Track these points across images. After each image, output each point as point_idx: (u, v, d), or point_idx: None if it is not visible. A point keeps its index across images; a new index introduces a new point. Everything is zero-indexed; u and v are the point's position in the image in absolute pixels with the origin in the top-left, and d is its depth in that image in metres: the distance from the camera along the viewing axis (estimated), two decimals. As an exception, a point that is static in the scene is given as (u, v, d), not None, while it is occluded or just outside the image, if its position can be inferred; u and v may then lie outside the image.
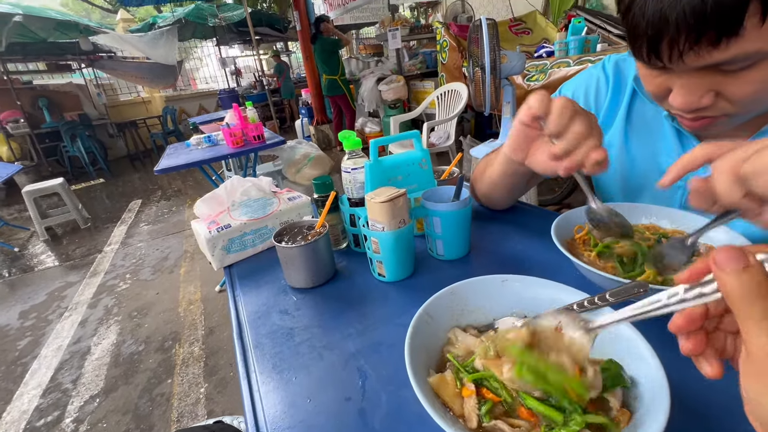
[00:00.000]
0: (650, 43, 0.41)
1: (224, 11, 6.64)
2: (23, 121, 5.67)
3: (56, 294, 2.47)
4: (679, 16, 0.36)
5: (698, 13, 0.35)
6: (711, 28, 0.36)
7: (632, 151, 0.66)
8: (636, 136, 0.65)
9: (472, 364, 0.34)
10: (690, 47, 0.38)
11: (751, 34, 0.35)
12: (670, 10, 0.37)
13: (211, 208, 0.77)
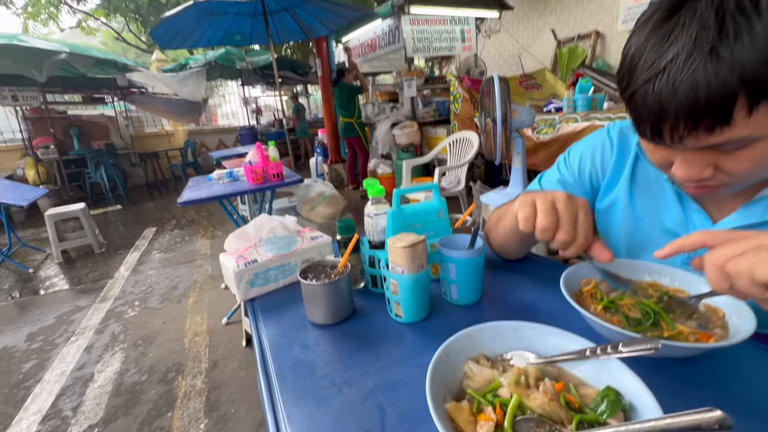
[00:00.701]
0: (652, 127, 0.45)
1: (251, 56, 7.13)
2: (53, 148, 5.98)
3: (65, 317, 2.49)
4: (677, 108, 0.41)
5: (693, 107, 0.40)
6: (705, 118, 0.40)
7: (637, 209, 0.70)
8: (640, 196, 0.70)
9: (491, 393, 0.38)
10: (689, 133, 0.42)
11: (741, 123, 0.40)
12: (669, 102, 0.41)
13: (240, 243, 0.82)
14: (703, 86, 0.39)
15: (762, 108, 0.39)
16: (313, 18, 4.38)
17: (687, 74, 0.39)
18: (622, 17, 3.91)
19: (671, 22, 0.41)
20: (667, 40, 0.41)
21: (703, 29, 0.38)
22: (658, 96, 0.42)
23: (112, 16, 11.01)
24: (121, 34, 12.61)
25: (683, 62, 0.39)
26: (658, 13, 0.43)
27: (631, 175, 0.70)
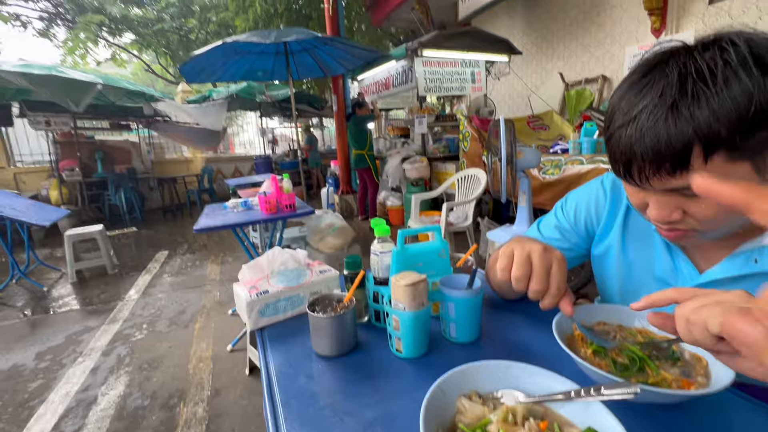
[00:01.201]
0: (624, 166, 0.51)
1: (271, 90, 7.51)
2: (78, 170, 6.25)
3: (74, 338, 2.53)
4: (643, 151, 0.47)
5: (656, 151, 0.46)
6: (666, 162, 0.46)
7: (629, 256, 0.74)
8: (632, 244, 0.74)
9: (481, 429, 0.41)
10: (653, 174, 0.48)
11: (699, 169, 0.45)
12: (637, 145, 0.47)
13: (253, 273, 0.87)
14: (664, 135, 0.45)
15: (717, 158, 0.44)
16: (331, 58, 4.65)
17: (652, 123, 0.46)
18: (627, 63, 4.06)
19: (645, 79, 0.48)
20: (639, 93, 0.48)
21: (667, 87, 0.45)
22: (629, 140, 0.48)
23: (144, 50, 11.78)
24: (150, 66, 13.41)
25: (649, 113, 0.46)
26: (636, 72, 0.50)
27: (623, 223, 0.75)
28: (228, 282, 3.38)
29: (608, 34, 4.36)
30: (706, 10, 3.41)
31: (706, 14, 3.42)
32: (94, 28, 9.43)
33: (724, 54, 0.43)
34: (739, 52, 0.42)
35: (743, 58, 0.42)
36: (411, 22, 7.12)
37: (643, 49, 3.87)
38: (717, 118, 0.42)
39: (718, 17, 3.34)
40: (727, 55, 0.43)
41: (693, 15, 3.52)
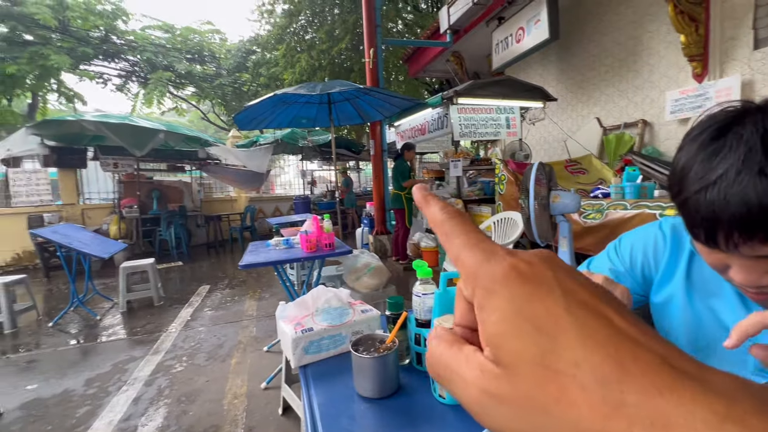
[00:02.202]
0: (707, 232, 0.46)
1: (313, 135, 8.00)
2: (136, 207, 6.82)
3: (120, 366, 2.65)
4: (730, 218, 0.43)
5: (747, 219, 0.42)
6: (759, 231, 0.43)
7: (696, 307, 0.68)
8: (698, 294, 0.68)
9: None
10: (744, 242, 0.44)
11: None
12: (722, 212, 0.44)
13: (299, 310, 0.91)
14: (755, 202, 0.42)
15: None
16: (370, 106, 4.94)
17: (738, 189, 0.43)
18: (669, 108, 3.99)
19: (719, 142, 0.45)
20: (715, 157, 0.45)
21: (751, 152, 0.43)
22: (711, 205, 0.45)
23: (202, 101, 13.08)
24: (206, 114, 14.78)
25: (733, 178, 0.43)
26: (706, 132, 0.48)
27: (686, 273, 0.70)
28: (264, 318, 3.45)
29: (646, 80, 4.34)
30: (751, 55, 3.35)
31: (751, 59, 3.35)
32: (164, 83, 10.68)
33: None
34: None
35: None
36: (446, 73, 7.48)
37: (684, 93, 3.81)
38: None
39: (764, 62, 3.26)
40: None
41: (737, 60, 3.46)
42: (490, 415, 0.15)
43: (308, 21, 9.78)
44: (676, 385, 0.13)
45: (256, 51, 12.03)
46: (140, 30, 11.17)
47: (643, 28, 4.29)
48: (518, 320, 0.15)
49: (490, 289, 0.16)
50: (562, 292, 0.15)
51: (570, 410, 0.13)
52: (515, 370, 0.15)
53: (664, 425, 0.12)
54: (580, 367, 0.14)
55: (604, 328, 0.14)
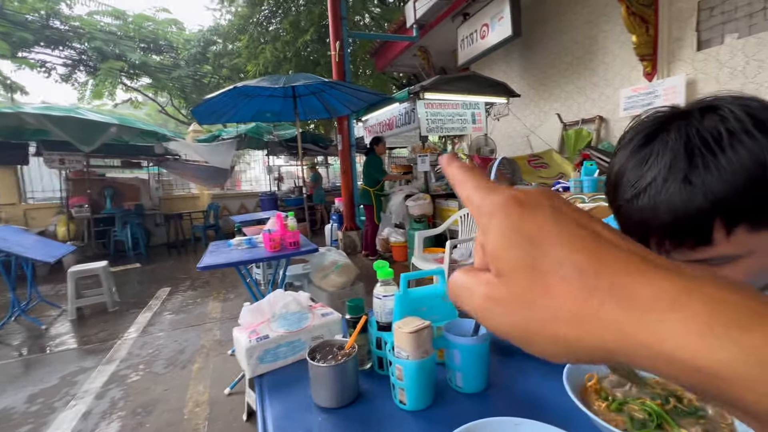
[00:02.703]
0: (640, 240, 0.46)
1: (278, 130, 7.77)
2: (87, 207, 6.36)
3: (68, 379, 2.46)
4: (659, 226, 0.45)
5: (674, 227, 0.44)
6: (687, 238, 0.44)
7: None
8: None
9: None
10: (674, 248, 0.45)
11: (722, 243, 0.43)
12: (651, 220, 0.45)
13: (254, 317, 0.86)
14: (681, 210, 0.43)
15: (739, 230, 0.42)
16: (336, 100, 4.85)
17: (665, 196, 0.43)
18: (623, 105, 4.19)
19: (647, 149, 0.46)
20: (645, 164, 0.46)
21: (675, 159, 0.43)
22: (641, 213, 0.46)
23: (159, 93, 12.38)
24: (164, 108, 14.02)
25: (661, 185, 0.44)
26: (635, 139, 0.48)
27: None
28: (229, 320, 3.32)
29: (602, 77, 4.54)
30: (694, 56, 3.57)
31: (695, 60, 3.57)
32: (116, 73, 9.99)
33: (725, 122, 0.42)
34: (739, 118, 0.42)
35: (744, 124, 0.41)
36: (413, 68, 7.49)
37: (636, 91, 4.01)
38: (735, 189, 0.41)
39: (706, 62, 3.48)
40: (728, 123, 0.42)
41: (683, 60, 3.68)
42: (491, 316, 0.18)
43: (272, 11, 9.45)
44: (647, 270, 0.15)
45: (217, 41, 11.51)
46: (87, 16, 10.36)
47: (599, 27, 4.47)
48: (513, 235, 0.17)
49: (491, 213, 0.19)
50: (553, 212, 0.18)
51: (553, 300, 0.16)
52: (510, 276, 0.17)
53: (630, 297, 0.15)
54: (563, 265, 0.16)
55: (587, 235, 0.17)
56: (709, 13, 3.41)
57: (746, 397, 0.13)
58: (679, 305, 0.14)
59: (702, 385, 0.14)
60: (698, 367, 0.13)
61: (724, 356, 0.13)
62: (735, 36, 3.25)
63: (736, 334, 0.13)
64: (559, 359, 0.17)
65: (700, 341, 0.13)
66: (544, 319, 0.16)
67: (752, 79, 3.18)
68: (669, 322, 0.14)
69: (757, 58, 3.13)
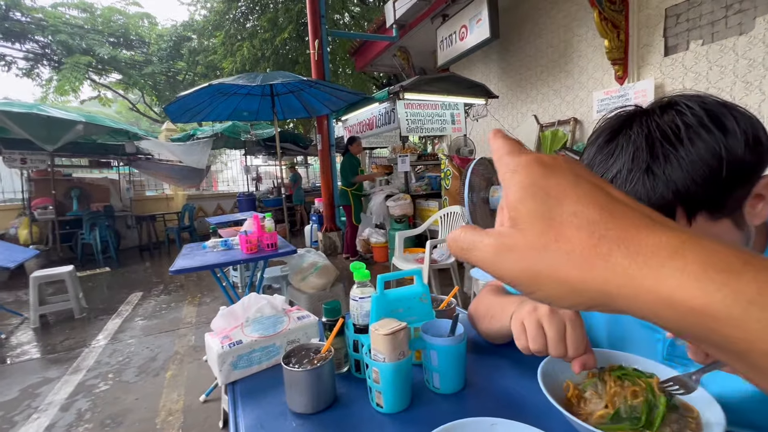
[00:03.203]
0: None
1: (256, 129, 7.61)
2: (51, 208, 6.05)
3: (30, 390, 2.32)
4: None
5: None
6: None
7: None
8: None
9: None
10: None
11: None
12: None
13: (227, 322, 0.83)
14: (645, 199, 0.45)
15: (699, 218, 0.45)
16: (316, 99, 4.80)
17: (630, 187, 0.46)
18: (596, 107, 4.32)
19: (612, 144, 0.49)
20: (610, 158, 0.49)
21: (638, 151, 0.46)
22: None
23: (130, 90, 11.92)
24: (135, 105, 13.52)
25: (626, 176, 0.46)
26: (602, 136, 0.51)
27: None
28: (205, 325, 3.22)
29: (576, 80, 4.67)
30: (662, 60, 3.72)
31: (662, 64, 3.72)
32: (82, 68, 9.55)
33: (682, 116, 0.45)
34: (696, 113, 0.44)
35: (700, 118, 0.44)
36: (393, 67, 7.50)
37: (609, 94, 4.15)
38: (693, 179, 0.43)
39: (673, 67, 3.64)
40: (686, 117, 0.45)
41: (651, 65, 3.83)
42: (502, 261, 0.19)
43: (249, 8, 9.27)
44: (653, 226, 0.17)
45: (191, 37, 11.18)
46: (51, 8, 9.87)
47: (573, 31, 4.60)
48: (533, 188, 0.19)
49: (515, 171, 0.20)
50: (573, 174, 0.19)
51: (565, 245, 0.17)
52: (527, 224, 0.19)
53: (635, 246, 0.16)
54: (577, 216, 0.18)
55: (601, 194, 0.18)
56: (676, 20, 3.56)
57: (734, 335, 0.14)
58: (679, 254, 0.15)
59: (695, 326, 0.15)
60: (693, 307, 0.15)
61: (717, 297, 0.14)
62: (699, 42, 3.41)
63: (727, 277, 0.14)
64: (563, 302, 0.18)
65: (696, 284, 0.15)
66: (554, 262, 0.18)
67: (714, 84, 3.34)
68: (669, 267, 0.15)
69: (719, 64, 3.29)
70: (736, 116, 0.44)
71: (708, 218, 0.45)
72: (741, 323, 0.14)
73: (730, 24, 3.18)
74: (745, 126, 0.44)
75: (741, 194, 0.45)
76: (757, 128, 0.45)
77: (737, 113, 0.45)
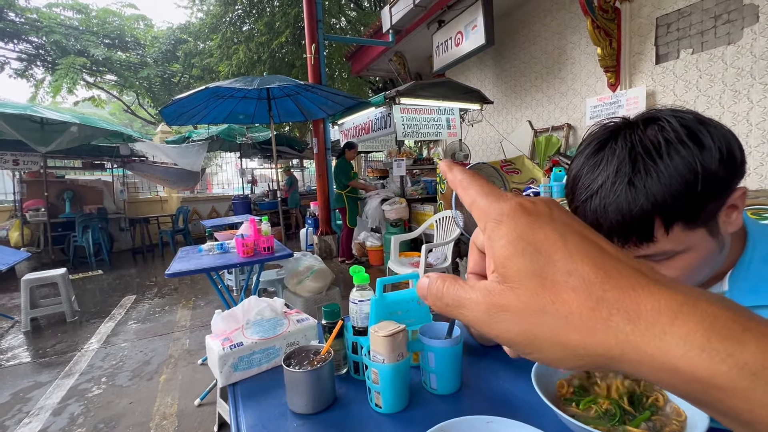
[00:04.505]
0: None
1: (252, 132, 7.61)
2: (43, 210, 5.98)
3: (21, 395, 2.29)
4: (609, 225, 0.50)
5: (621, 225, 0.50)
6: (633, 235, 0.50)
7: None
8: None
9: None
10: (622, 245, 0.51)
11: (662, 240, 0.49)
12: (602, 219, 0.51)
13: (227, 324, 0.84)
14: (626, 210, 0.48)
15: (676, 228, 0.48)
16: (312, 103, 4.82)
17: (613, 198, 0.49)
18: (589, 114, 4.39)
19: (599, 156, 0.52)
20: (597, 168, 0.52)
21: (621, 164, 0.49)
22: (594, 213, 0.51)
23: (125, 91, 11.86)
24: (130, 107, 13.44)
25: (609, 188, 0.49)
26: (589, 147, 0.54)
27: None
28: (199, 328, 3.20)
29: (570, 87, 4.74)
30: (653, 69, 3.80)
31: (654, 72, 3.80)
32: (77, 69, 9.49)
33: (663, 132, 0.48)
34: (675, 129, 0.48)
35: (678, 134, 0.47)
36: (389, 72, 7.54)
37: (602, 101, 4.21)
38: (671, 192, 0.46)
39: (664, 75, 3.71)
40: (666, 133, 0.48)
41: (643, 73, 3.90)
42: (497, 323, 0.18)
43: (246, 11, 9.29)
44: (648, 285, 0.16)
45: (187, 40, 11.17)
46: (45, 8, 9.81)
47: (566, 39, 4.67)
48: (521, 243, 0.18)
49: (499, 221, 0.19)
50: (560, 223, 0.19)
51: (562, 307, 0.17)
52: (518, 283, 0.18)
53: (635, 310, 0.16)
54: (572, 275, 0.17)
55: (593, 249, 0.18)
56: (666, 29, 3.64)
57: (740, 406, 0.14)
58: (680, 319, 0.15)
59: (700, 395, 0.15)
60: (698, 377, 0.15)
61: (722, 368, 0.14)
62: (689, 51, 3.48)
63: (730, 347, 0.14)
64: (565, 365, 0.18)
65: (700, 354, 0.14)
66: (553, 326, 0.17)
67: (704, 92, 3.41)
68: (672, 335, 0.15)
69: (709, 73, 3.36)
70: (712, 132, 0.47)
71: (684, 228, 0.48)
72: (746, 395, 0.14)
73: (719, 34, 3.26)
74: (720, 142, 0.47)
75: (715, 206, 0.49)
76: (731, 144, 0.48)
77: (713, 129, 0.48)
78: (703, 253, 0.51)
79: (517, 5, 5.14)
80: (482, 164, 2.25)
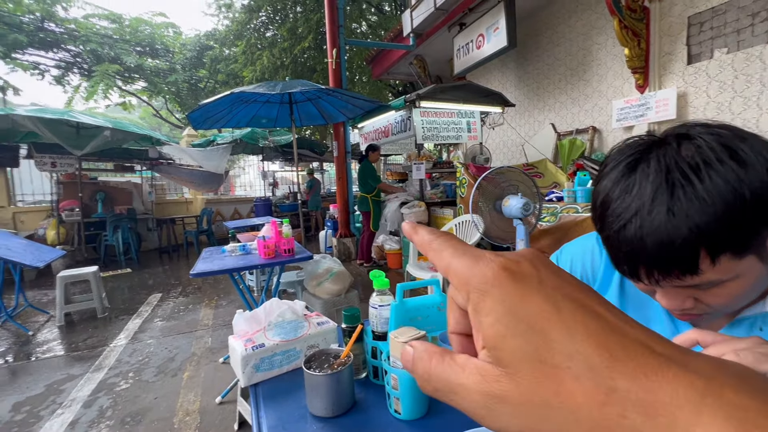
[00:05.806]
0: (630, 270, 0.48)
1: (274, 135, 7.77)
2: (78, 210, 6.28)
3: (55, 387, 2.41)
4: (648, 258, 0.45)
5: (662, 258, 0.45)
6: (675, 267, 0.45)
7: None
8: (631, 307, 0.69)
9: None
10: (663, 278, 0.46)
11: (708, 271, 0.44)
12: (640, 251, 0.46)
13: (249, 325, 0.86)
14: (667, 241, 0.44)
15: (723, 258, 0.43)
16: (332, 107, 4.87)
17: (651, 229, 0.44)
18: (615, 116, 4.26)
19: (630, 179, 0.47)
20: (628, 195, 0.46)
21: (658, 191, 0.44)
22: (630, 244, 0.46)
23: (154, 96, 12.34)
24: (158, 111, 13.96)
25: (645, 217, 0.45)
26: (617, 169, 0.49)
27: (620, 285, 0.71)
28: (221, 327, 3.28)
29: (595, 89, 4.62)
30: (685, 69, 3.65)
31: (685, 73, 3.65)
32: (111, 76, 9.95)
33: (701, 152, 0.43)
34: (713, 148, 0.43)
35: (718, 154, 0.43)
36: (409, 75, 7.56)
37: (629, 103, 4.08)
38: (715, 219, 0.42)
39: (696, 76, 3.57)
40: (704, 152, 0.43)
41: (673, 73, 3.76)
42: (495, 415, 0.16)
43: (269, 18, 9.52)
44: (660, 368, 0.14)
45: (213, 46, 11.53)
46: (83, 18, 10.34)
47: (592, 40, 4.56)
48: (512, 320, 0.16)
49: (483, 291, 0.17)
50: (549, 288, 0.16)
51: (568, 401, 0.14)
52: (515, 368, 0.16)
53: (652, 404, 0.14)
54: (574, 359, 0.15)
55: (591, 320, 0.16)
56: (699, 28, 3.50)
57: None
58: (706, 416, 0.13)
59: None
60: None
61: None
62: (724, 51, 3.34)
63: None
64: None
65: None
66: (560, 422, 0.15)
67: (740, 93, 3.25)
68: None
69: (745, 73, 3.21)
70: (754, 147, 0.43)
71: (732, 258, 0.44)
72: None
73: (757, 32, 3.10)
74: (764, 157, 0.43)
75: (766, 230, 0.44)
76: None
77: (755, 143, 0.44)
78: (752, 280, 0.47)
79: (541, 6, 5.06)
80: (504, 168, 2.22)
